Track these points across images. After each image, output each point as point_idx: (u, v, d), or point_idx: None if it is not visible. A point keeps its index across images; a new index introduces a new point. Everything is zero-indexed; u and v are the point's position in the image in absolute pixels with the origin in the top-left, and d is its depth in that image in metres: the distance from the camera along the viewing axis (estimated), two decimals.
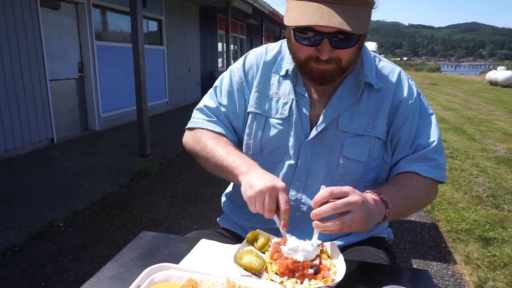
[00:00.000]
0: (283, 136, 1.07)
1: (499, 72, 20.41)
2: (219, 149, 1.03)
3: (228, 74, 1.18)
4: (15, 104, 4.76)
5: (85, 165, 4.56)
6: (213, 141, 1.07)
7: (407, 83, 1.07)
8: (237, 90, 1.14)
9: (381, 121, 1.03)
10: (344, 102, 1.04)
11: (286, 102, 1.07)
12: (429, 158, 1.02)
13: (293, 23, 0.88)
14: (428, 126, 1.05)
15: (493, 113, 9.77)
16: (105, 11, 6.78)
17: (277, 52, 1.14)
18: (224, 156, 1.01)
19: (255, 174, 0.90)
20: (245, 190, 0.88)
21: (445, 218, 3.30)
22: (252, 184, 0.86)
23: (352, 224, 0.78)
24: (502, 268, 2.51)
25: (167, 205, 3.52)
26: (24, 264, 2.47)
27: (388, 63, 1.11)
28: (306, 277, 0.74)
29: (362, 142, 1.03)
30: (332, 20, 0.83)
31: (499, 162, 5.06)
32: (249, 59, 1.16)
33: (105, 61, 6.59)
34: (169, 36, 9.05)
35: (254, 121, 1.11)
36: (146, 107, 4.97)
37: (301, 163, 1.06)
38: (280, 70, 1.11)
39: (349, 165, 1.04)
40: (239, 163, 0.97)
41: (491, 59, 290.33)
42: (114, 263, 0.85)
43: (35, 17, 4.98)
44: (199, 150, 1.09)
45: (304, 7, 0.87)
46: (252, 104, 1.12)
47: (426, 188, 1.02)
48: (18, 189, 3.73)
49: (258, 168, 0.94)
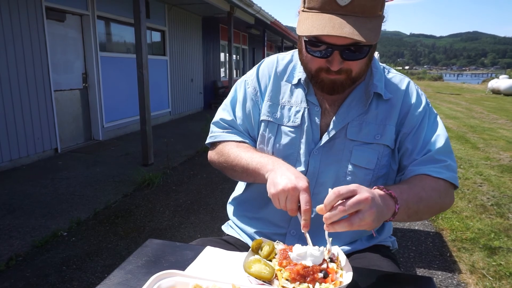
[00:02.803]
0: (295, 144, 1.09)
1: (502, 80, 20.41)
2: (242, 154, 1.06)
3: (242, 85, 1.19)
4: (20, 114, 4.80)
5: (88, 175, 4.58)
6: (235, 149, 1.09)
7: (415, 93, 1.09)
8: (251, 101, 1.16)
9: (390, 129, 1.04)
10: (353, 111, 1.05)
11: (298, 111, 1.09)
12: (438, 159, 1.00)
13: (305, 33, 0.90)
14: (436, 133, 1.04)
15: (496, 122, 9.75)
16: (109, 23, 6.88)
17: (289, 61, 1.16)
18: (248, 160, 1.03)
19: (280, 171, 0.92)
20: (269, 187, 0.91)
21: (449, 227, 3.28)
22: (276, 182, 0.89)
23: (362, 223, 0.77)
24: (508, 277, 2.48)
25: (170, 214, 3.53)
26: (28, 274, 2.47)
27: (398, 74, 1.13)
28: (317, 281, 0.75)
29: (370, 150, 1.04)
30: (344, 30, 0.85)
31: (503, 171, 5.04)
32: (262, 69, 1.18)
33: (109, 71, 6.66)
34: (172, 46, 9.15)
35: (266, 128, 1.12)
36: (149, 116, 5.01)
37: (310, 170, 1.07)
38: (292, 78, 1.12)
39: (357, 173, 1.04)
40: (264, 162, 0.99)
41: (493, 68, 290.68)
42: (121, 270, 0.85)
43: (41, 29, 5.06)
44: (224, 162, 1.12)
45: (316, 18, 0.89)
46: (264, 113, 1.13)
47: (440, 190, 0.98)
48: (22, 199, 3.75)
49: (283, 165, 0.96)
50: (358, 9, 0.86)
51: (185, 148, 6.18)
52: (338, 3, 0.86)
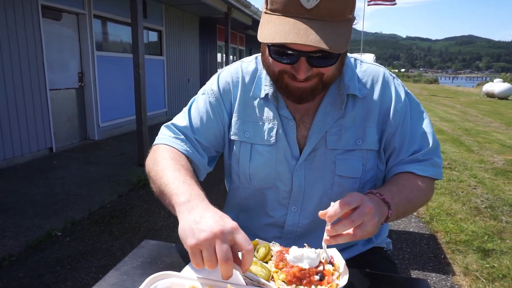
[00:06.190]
0: (271, 163, 1.02)
1: (496, 84, 20.58)
2: (169, 171, 0.89)
3: (202, 95, 1.09)
4: (14, 113, 4.77)
5: (83, 175, 4.55)
6: (168, 162, 0.93)
7: (393, 85, 1.02)
8: (213, 112, 1.06)
9: (371, 131, 0.99)
10: (329, 118, 0.99)
11: (271, 128, 1.01)
12: (424, 158, 0.99)
13: (267, 40, 0.81)
14: (421, 129, 1.01)
15: (490, 125, 9.83)
16: (105, 22, 6.85)
17: (254, 71, 1.06)
18: (169, 179, 0.86)
19: (197, 212, 0.74)
20: (184, 235, 0.71)
21: (443, 229, 3.30)
22: (194, 228, 0.70)
23: (364, 234, 0.76)
24: (501, 279, 2.50)
25: (165, 215, 3.52)
26: (21, 274, 2.45)
27: (371, 64, 1.05)
28: (313, 283, 0.76)
29: (354, 158, 0.99)
30: (309, 38, 0.76)
31: (497, 174, 5.08)
32: (223, 79, 1.07)
33: (105, 71, 6.63)
34: (169, 46, 9.13)
35: (239, 149, 1.05)
36: (145, 116, 4.99)
37: (296, 188, 1.02)
38: (259, 92, 1.03)
39: (344, 183, 1.01)
40: (181, 191, 0.81)
41: (487, 71, 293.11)
42: (116, 271, 0.85)
43: (37, 27, 5.03)
44: (151, 171, 0.98)
45: (279, 22, 0.80)
46: (235, 132, 1.05)
47: (425, 188, 0.98)
48: (16, 199, 3.72)
49: (201, 202, 0.78)
50: (325, 13, 0.78)
51: None
52: (304, 5, 0.78)
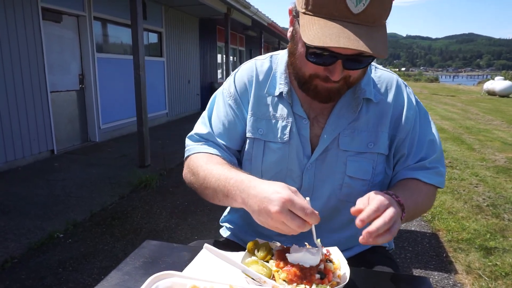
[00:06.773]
0: (284, 160, 1.03)
1: (497, 82, 20.56)
2: (212, 170, 0.94)
3: (220, 96, 1.11)
4: (15, 116, 4.78)
5: (85, 176, 4.56)
6: (206, 164, 0.97)
7: (405, 93, 1.05)
8: (233, 113, 1.07)
9: (383, 136, 1.01)
10: (343, 120, 1.00)
11: (285, 126, 1.02)
12: (431, 166, 1.02)
13: (316, 42, 0.78)
14: (428, 136, 1.04)
15: (491, 123, 9.81)
16: (106, 24, 6.87)
17: (268, 69, 1.07)
18: (219, 175, 0.91)
19: (260, 188, 0.79)
20: (257, 218, 0.78)
21: (445, 228, 3.30)
22: (263, 208, 0.75)
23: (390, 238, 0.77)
24: (503, 277, 2.50)
25: (167, 216, 3.52)
26: (23, 276, 2.46)
27: (385, 71, 1.08)
28: (314, 282, 0.75)
29: (364, 160, 1.01)
30: (360, 43, 0.76)
31: (499, 172, 5.07)
32: (240, 79, 1.09)
33: (105, 72, 6.64)
34: (169, 48, 9.14)
35: (252, 146, 1.06)
36: (146, 118, 5.00)
37: (305, 186, 1.03)
38: (274, 90, 1.04)
39: (353, 185, 1.01)
40: (234, 176, 0.87)
41: (488, 69, 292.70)
42: (118, 271, 0.85)
43: (37, 29, 5.04)
44: (193, 182, 1.01)
45: (324, 25, 0.79)
46: (249, 129, 1.06)
47: (430, 195, 1.02)
48: (18, 201, 3.73)
49: (257, 182, 0.82)
50: (370, 18, 0.79)
51: (182, 149, 6.12)
52: (351, 10, 0.77)
